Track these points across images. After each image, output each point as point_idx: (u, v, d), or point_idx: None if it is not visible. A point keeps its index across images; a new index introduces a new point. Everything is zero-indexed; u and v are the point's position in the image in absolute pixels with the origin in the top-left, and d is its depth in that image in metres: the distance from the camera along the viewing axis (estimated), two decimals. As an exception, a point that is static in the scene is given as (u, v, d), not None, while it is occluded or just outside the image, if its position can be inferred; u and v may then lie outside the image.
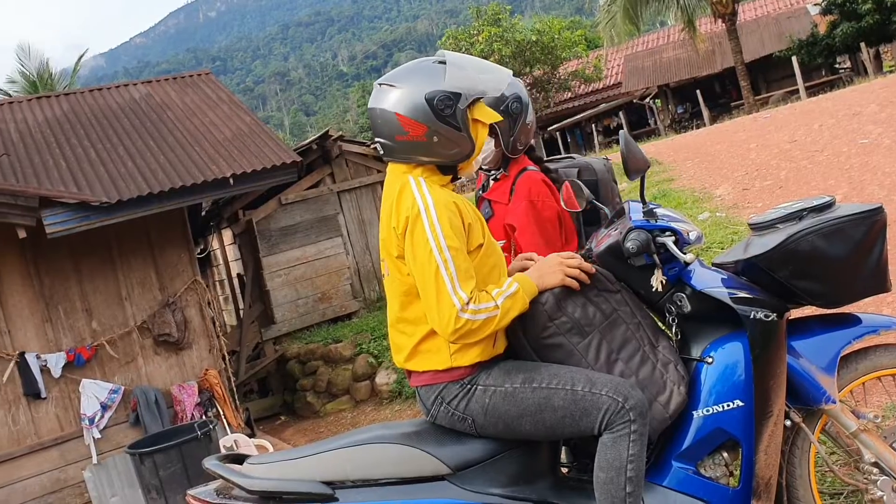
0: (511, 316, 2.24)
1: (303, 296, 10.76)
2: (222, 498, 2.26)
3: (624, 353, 2.38)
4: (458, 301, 2.17)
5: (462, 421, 2.31)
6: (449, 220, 2.23)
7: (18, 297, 7.17)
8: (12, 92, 21.92)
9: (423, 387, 2.37)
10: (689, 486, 2.37)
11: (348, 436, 2.39)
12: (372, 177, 11.29)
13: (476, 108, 2.36)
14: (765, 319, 2.36)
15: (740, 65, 23.26)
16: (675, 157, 12.60)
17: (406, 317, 2.36)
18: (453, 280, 2.18)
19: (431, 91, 2.29)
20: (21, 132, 8.33)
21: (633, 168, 2.47)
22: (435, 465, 2.28)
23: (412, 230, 2.23)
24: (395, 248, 2.32)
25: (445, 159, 2.35)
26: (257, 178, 7.69)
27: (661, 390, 2.35)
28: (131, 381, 7.52)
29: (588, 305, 2.38)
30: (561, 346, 2.35)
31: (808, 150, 9.15)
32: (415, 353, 2.35)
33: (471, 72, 2.36)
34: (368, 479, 2.28)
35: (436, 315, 2.20)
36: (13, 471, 6.93)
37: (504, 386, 2.28)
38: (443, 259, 2.19)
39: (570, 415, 2.23)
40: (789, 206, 2.52)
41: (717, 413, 2.38)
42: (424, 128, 2.29)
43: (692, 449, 2.40)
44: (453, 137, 2.31)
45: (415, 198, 2.26)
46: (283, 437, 8.74)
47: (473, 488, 2.29)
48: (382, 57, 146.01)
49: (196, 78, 10.14)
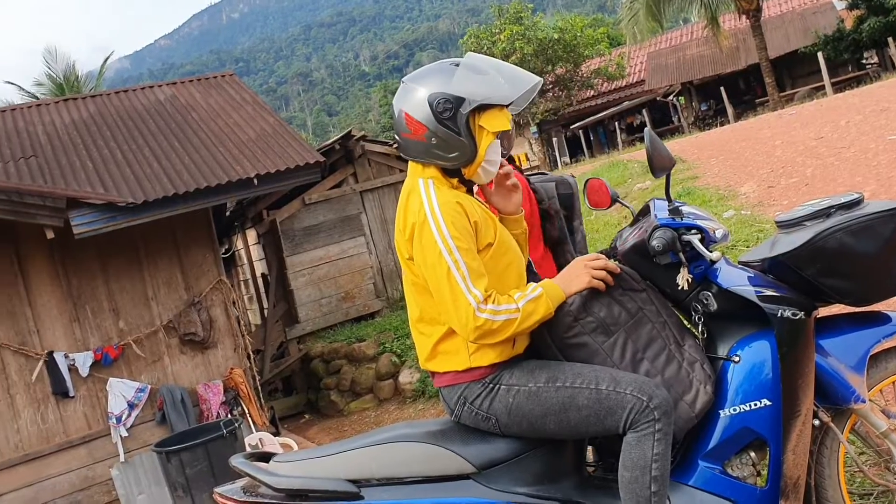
0: (533, 320, 2.23)
1: (326, 295, 10.81)
2: (249, 496, 2.28)
3: (649, 351, 2.37)
4: (474, 299, 2.17)
5: (486, 420, 2.31)
6: (454, 222, 2.23)
7: (47, 297, 7.26)
8: (40, 94, 22.19)
9: (446, 387, 2.38)
10: (715, 486, 2.35)
11: (373, 434, 2.39)
12: (394, 176, 11.31)
13: (483, 115, 2.31)
14: (792, 318, 2.34)
15: (765, 61, 23.02)
16: (699, 155, 12.49)
17: (423, 317, 2.37)
18: (465, 279, 2.18)
19: (434, 93, 2.29)
20: (48, 134, 8.44)
21: (659, 166, 2.45)
22: (460, 464, 2.28)
23: (420, 234, 2.25)
24: (406, 251, 2.33)
25: (444, 162, 2.33)
26: (281, 178, 7.73)
27: (687, 389, 2.33)
28: (158, 380, 7.59)
29: (613, 305, 2.37)
30: (586, 346, 2.34)
31: (835, 146, 9.03)
32: (434, 354, 2.36)
33: (482, 77, 2.32)
34: (393, 477, 2.28)
35: (454, 315, 2.20)
36: (42, 468, 7.02)
37: (528, 385, 2.27)
38: (453, 260, 2.19)
39: (594, 414, 2.22)
40: (817, 204, 2.49)
41: (744, 412, 2.36)
42: (424, 128, 2.30)
43: (719, 448, 2.37)
44: (452, 142, 2.29)
45: (421, 201, 2.27)
46: (308, 436, 8.78)
47: (498, 487, 2.28)
48: (404, 56, 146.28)
49: (220, 79, 10.21)
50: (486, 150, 2.32)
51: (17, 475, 6.91)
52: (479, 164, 2.33)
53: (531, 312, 2.22)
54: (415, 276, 2.34)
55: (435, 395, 8.05)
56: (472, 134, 2.30)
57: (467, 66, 2.34)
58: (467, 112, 2.28)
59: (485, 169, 2.36)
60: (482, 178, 2.40)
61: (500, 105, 2.32)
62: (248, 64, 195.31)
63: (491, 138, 2.31)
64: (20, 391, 7.05)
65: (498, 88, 2.31)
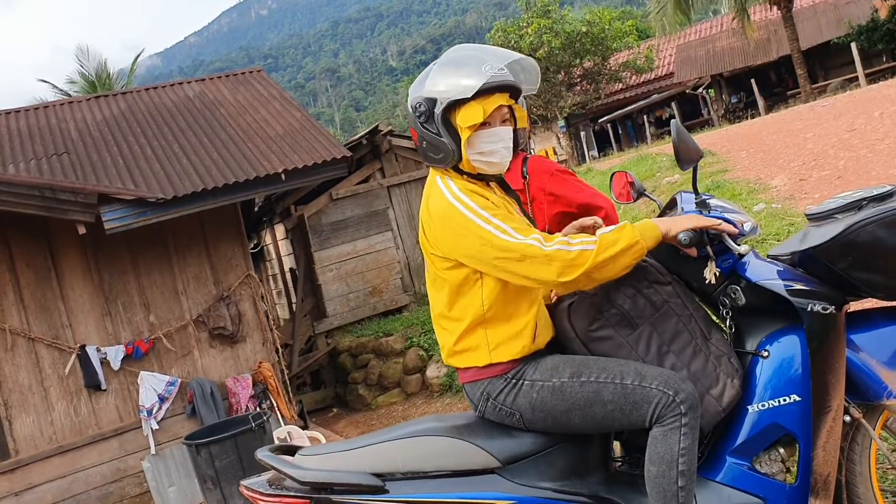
0: (616, 249, 2.13)
1: (354, 290, 10.86)
2: (274, 489, 2.28)
3: (675, 345, 2.34)
4: (533, 241, 2.12)
5: (510, 416, 2.29)
6: (477, 201, 2.22)
7: (79, 292, 7.37)
8: (72, 92, 22.49)
9: (469, 383, 2.36)
10: (743, 482, 2.32)
11: (398, 428, 2.39)
12: (421, 171, 11.32)
13: (458, 111, 2.24)
14: (822, 312, 2.29)
15: (797, 52, 22.69)
16: (730, 148, 12.35)
17: (444, 313, 2.35)
18: (514, 235, 2.14)
19: (413, 97, 2.30)
20: (80, 131, 8.55)
21: (686, 158, 2.41)
22: (485, 459, 2.27)
23: (452, 221, 2.22)
24: (429, 245, 2.32)
25: (438, 164, 2.31)
26: (308, 173, 7.76)
27: (713, 383, 2.31)
28: (188, 374, 7.67)
29: (638, 297, 2.35)
30: (611, 339, 2.32)
31: (869, 138, 8.88)
32: (455, 350, 2.34)
33: (453, 72, 2.25)
34: (418, 471, 2.28)
35: (524, 265, 2.14)
36: (76, 460, 7.13)
37: (552, 381, 2.25)
38: (493, 226, 2.16)
39: (619, 408, 2.20)
40: (848, 196, 2.42)
41: (772, 408, 2.33)
42: (416, 133, 2.33)
43: (747, 444, 2.34)
44: (435, 142, 2.27)
45: (443, 193, 2.27)
46: (336, 430, 8.83)
47: (523, 482, 2.27)
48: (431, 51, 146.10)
49: (248, 75, 10.27)
50: (467, 145, 2.25)
51: (51, 467, 7.03)
52: (467, 160, 2.27)
53: (612, 242, 2.13)
54: (437, 270, 2.33)
55: (462, 389, 8.05)
56: (453, 132, 2.25)
57: (443, 62, 2.31)
58: (440, 112, 2.24)
59: (483, 160, 2.29)
60: (488, 170, 2.33)
61: (473, 97, 2.22)
62: (276, 60, 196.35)
63: (467, 133, 2.23)
64: (54, 384, 7.16)
65: (460, 82, 2.22)
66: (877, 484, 2.46)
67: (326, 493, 2.24)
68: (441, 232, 2.25)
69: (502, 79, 2.24)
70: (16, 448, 6.97)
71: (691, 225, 2.24)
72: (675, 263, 2.46)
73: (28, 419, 7.05)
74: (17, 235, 7.15)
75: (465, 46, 2.37)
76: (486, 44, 4.18)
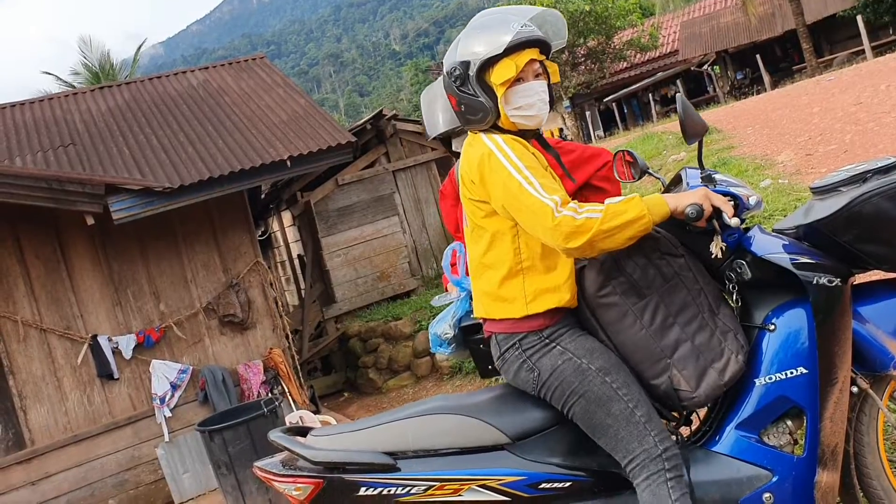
0: (622, 220, 2.14)
1: (362, 275, 10.89)
2: (287, 469, 2.30)
3: (681, 317, 2.35)
4: (551, 202, 2.15)
5: (529, 371, 2.33)
6: (516, 150, 2.28)
7: (89, 282, 7.41)
8: (76, 83, 22.50)
9: (502, 334, 2.39)
10: (752, 455, 2.35)
11: (408, 408, 2.41)
12: (426, 155, 11.31)
13: (491, 71, 2.32)
14: (828, 285, 2.31)
15: (802, 27, 22.50)
16: (735, 125, 12.30)
17: (483, 262, 2.39)
18: (538, 190, 2.18)
19: (448, 65, 2.38)
20: (86, 122, 8.57)
21: (692, 132, 2.42)
22: (494, 435, 2.29)
23: (489, 164, 2.28)
24: (466, 190, 2.40)
25: (478, 125, 2.38)
26: (314, 159, 7.77)
27: (717, 357, 2.33)
28: (199, 361, 7.72)
29: (649, 267, 2.36)
30: (617, 306, 2.34)
31: (875, 111, 8.83)
32: (493, 299, 2.37)
33: (482, 33, 2.33)
34: (429, 449, 2.31)
35: (535, 222, 2.19)
36: (91, 449, 7.20)
37: (581, 360, 2.28)
38: (523, 177, 2.20)
39: (614, 428, 2.25)
40: (852, 169, 2.42)
41: (779, 381, 2.34)
42: (454, 99, 2.40)
43: (755, 417, 2.37)
44: (474, 104, 2.34)
45: (484, 142, 2.33)
46: (347, 413, 8.89)
47: (533, 458, 2.30)
48: (434, 34, 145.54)
49: (251, 62, 10.27)
50: (504, 101, 2.33)
51: (66, 456, 7.10)
52: (506, 116, 2.35)
53: (619, 212, 2.14)
54: (476, 219, 2.39)
55: (472, 370, 8.09)
56: (490, 92, 2.33)
57: (472, 26, 2.39)
58: (474, 73, 2.32)
59: (521, 115, 2.37)
60: (528, 124, 2.40)
61: (504, 55, 2.30)
62: (279, 47, 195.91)
63: (502, 90, 2.31)
64: (67, 374, 7.22)
65: (492, 39, 2.30)
66: (885, 454, 2.48)
67: (339, 473, 2.26)
68: (477, 174, 2.31)
69: (530, 33, 2.33)
70: (31, 438, 7.04)
71: (695, 200, 2.24)
72: (683, 238, 2.46)
73: (42, 409, 7.12)
74: (27, 227, 7.19)
75: (491, 10, 2.44)
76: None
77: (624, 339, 2.35)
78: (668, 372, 2.33)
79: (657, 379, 2.34)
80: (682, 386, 2.31)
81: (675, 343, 2.33)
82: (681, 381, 2.31)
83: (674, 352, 2.33)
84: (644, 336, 2.33)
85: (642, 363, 2.34)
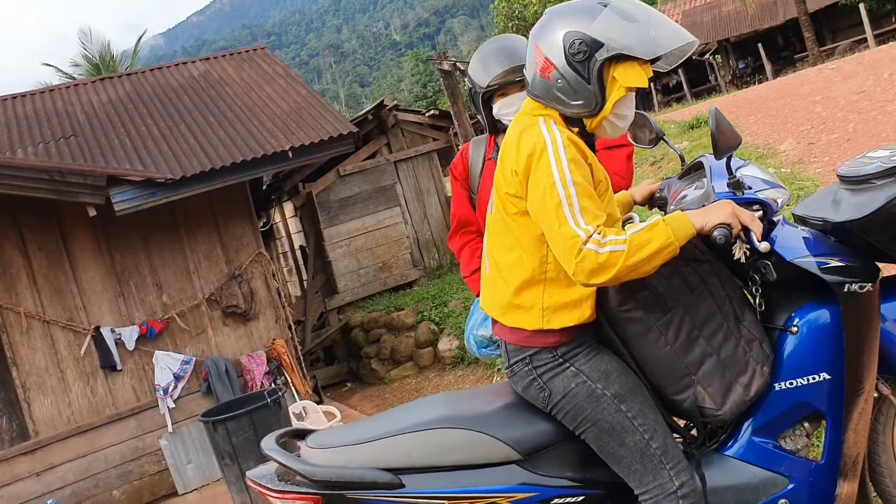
0: (647, 252, 1.97)
1: (364, 266, 10.90)
2: (284, 484, 2.18)
3: (706, 329, 2.22)
4: (583, 232, 1.96)
5: (539, 390, 2.20)
6: (574, 158, 2.06)
7: (92, 274, 7.42)
8: (77, 75, 22.43)
9: (514, 345, 2.24)
10: (768, 460, 2.26)
11: (409, 414, 2.31)
12: (428, 145, 11.31)
13: (619, 66, 2.09)
14: (859, 291, 2.17)
15: (804, 15, 22.43)
16: (738, 114, 12.27)
17: (503, 259, 2.23)
18: (575, 215, 1.98)
19: (571, 31, 2.10)
20: (87, 113, 8.56)
21: (724, 147, 2.20)
22: (504, 451, 2.19)
23: (537, 163, 2.06)
24: (506, 184, 2.18)
25: (566, 108, 2.15)
26: (315, 150, 7.76)
27: (742, 371, 2.21)
28: (202, 352, 7.73)
29: (674, 276, 2.21)
30: (640, 321, 2.19)
31: (878, 100, 8.80)
32: (508, 306, 2.21)
33: (629, 24, 2.08)
34: (435, 465, 2.19)
35: (560, 248, 2.01)
36: (95, 440, 7.22)
37: (596, 385, 2.16)
38: (567, 193, 2.00)
39: (628, 459, 2.16)
40: (886, 159, 2.22)
41: (801, 386, 2.23)
42: (553, 67, 2.13)
43: (772, 422, 2.27)
44: (578, 87, 2.11)
45: (541, 133, 2.10)
46: (350, 404, 8.91)
47: (544, 472, 2.21)
48: (435, 24, 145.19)
49: (252, 53, 10.24)
50: (613, 104, 2.13)
51: (70, 447, 7.12)
52: (604, 117, 2.15)
53: (644, 242, 1.96)
54: (506, 215, 2.20)
55: (474, 361, 8.10)
56: (602, 83, 2.10)
57: (615, 9, 2.11)
58: (602, 59, 2.08)
59: (612, 124, 2.19)
60: (608, 133, 2.23)
61: (640, 59, 2.09)
62: (279, 37, 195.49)
63: (622, 92, 2.11)
64: (70, 366, 7.23)
65: (644, 40, 2.07)
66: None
67: (340, 490, 2.15)
68: (523, 167, 2.10)
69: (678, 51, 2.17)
70: (35, 429, 7.06)
71: (724, 220, 2.05)
72: (703, 239, 2.26)
73: (46, 401, 7.13)
74: (29, 219, 7.19)
75: (640, 5, 2.15)
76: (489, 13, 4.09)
77: (646, 354, 2.21)
78: (692, 388, 2.21)
79: (680, 395, 2.23)
80: (706, 403, 2.21)
81: (701, 358, 2.21)
82: (706, 398, 2.21)
83: (699, 368, 2.20)
84: (668, 352, 2.20)
85: (665, 379, 2.22)
